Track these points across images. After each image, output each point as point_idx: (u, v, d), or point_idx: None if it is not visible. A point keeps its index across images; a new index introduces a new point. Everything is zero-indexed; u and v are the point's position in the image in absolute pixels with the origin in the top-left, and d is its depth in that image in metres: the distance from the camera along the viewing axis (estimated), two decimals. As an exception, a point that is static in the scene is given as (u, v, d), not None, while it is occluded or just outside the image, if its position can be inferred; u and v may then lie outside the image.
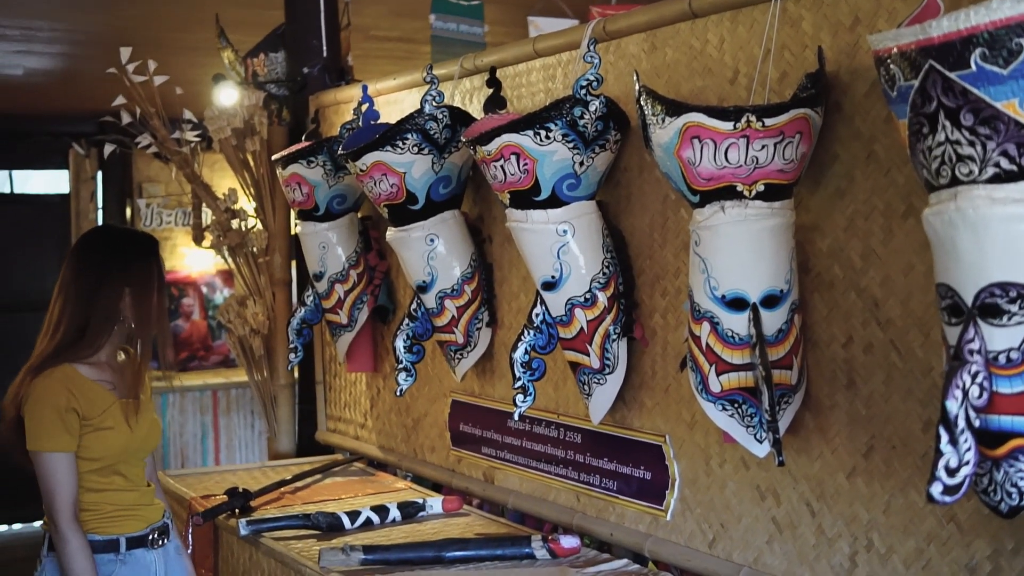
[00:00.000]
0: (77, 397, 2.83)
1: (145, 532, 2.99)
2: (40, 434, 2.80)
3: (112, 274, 2.95)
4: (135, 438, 2.97)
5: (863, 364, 2.34)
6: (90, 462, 2.87)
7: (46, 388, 2.82)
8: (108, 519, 2.92)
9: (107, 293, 2.93)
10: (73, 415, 2.82)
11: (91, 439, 2.86)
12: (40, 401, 2.81)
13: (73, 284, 2.94)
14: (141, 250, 3.05)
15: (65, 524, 2.79)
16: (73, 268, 2.97)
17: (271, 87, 4.80)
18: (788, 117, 2.25)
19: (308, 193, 3.88)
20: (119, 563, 2.91)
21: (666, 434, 2.88)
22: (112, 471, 2.93)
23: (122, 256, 3.00)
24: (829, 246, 2.41)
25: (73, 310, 2.92)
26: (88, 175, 8.53)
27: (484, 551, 3.04)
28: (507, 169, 2.79)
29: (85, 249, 3.03)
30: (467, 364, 3.47)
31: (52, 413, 2.79)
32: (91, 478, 2.89)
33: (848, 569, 2.39)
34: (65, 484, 2.80)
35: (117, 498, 2.94)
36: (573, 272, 2.83)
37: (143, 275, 3.00)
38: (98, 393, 2.90)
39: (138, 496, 3.00)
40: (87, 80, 6.50)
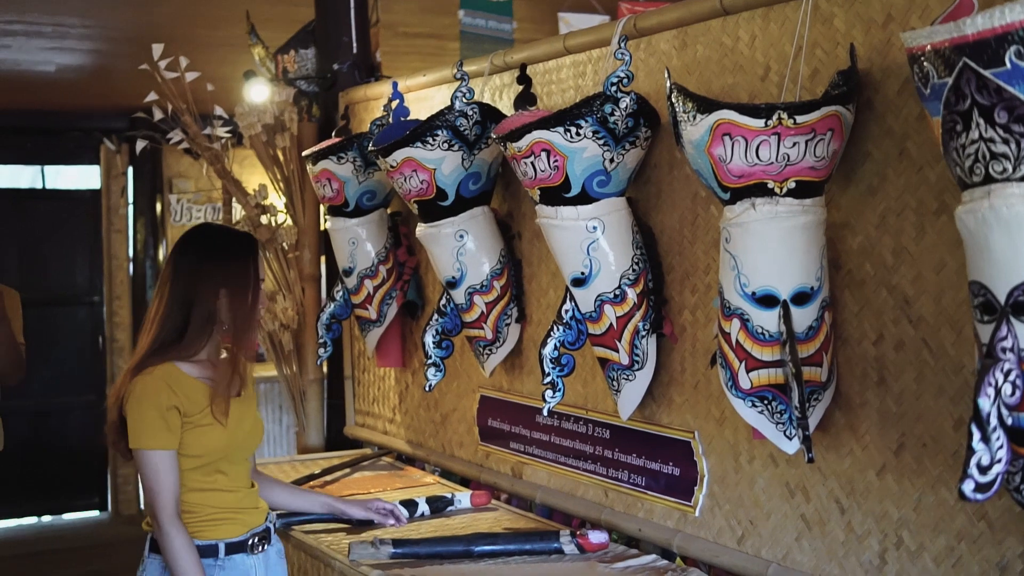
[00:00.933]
0: (178, 394, 2.77)
1: (245, 537, 2.88)
2: (141, 432, 2.75)
3: (208, 275, 2.85)
4: (236, 435, 2.88)
5: (894, 361, 2.34)
6: (192, 459, 2.80)
7: (147, 386, 2.76)
8: (208, 522, 2.84)
9: (204, 295, 2.83)
10: (174, 413, 2.76)
11: (192, 436, 2.79)
12: (141, 399, 2.75)
13: (170, 284, 2.86)
14: (239, 250, 2.95)
15: (168, 521, 2.72)
16: (171, 267, 2.89)
17: (301, 83, 4.83)
18: (820, 114, 2.25)
19: (338, 189, 3.90)
20: (217, 568, 2.82)
21: (695, 430, 2.88)
22: (214, 469, 2.85)
23: (219, 256, 2.90)
24: (860, 243, 2.40)
25: (170, 311, 2.83)
26: (119, 171, 8.59)
27: (512, 546, 3.06)
28: (537, 166, 2.80)
29: (183, 248, 2.93)
30: (496, 360, 3.49)
31: (153, 411, 2.74)
32: (193, 476, 2.82)
33: (878, 566, 2.39)
34: (167, 482, 2.74)
35: (218, 499, 2.86)
36: (603, 268, 2.84)
37: (240, 276, 2.89)
38: (199, 390, 2.82)
39: (239, 498, 2.90)
40: (119, 76, 6.55)
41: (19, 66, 6.50)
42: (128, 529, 8.15)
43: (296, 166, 4.64)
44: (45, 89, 7.26)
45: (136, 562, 2.91)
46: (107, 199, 8.71)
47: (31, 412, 8.31)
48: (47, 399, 8.63)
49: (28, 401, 7.81)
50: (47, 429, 8.63)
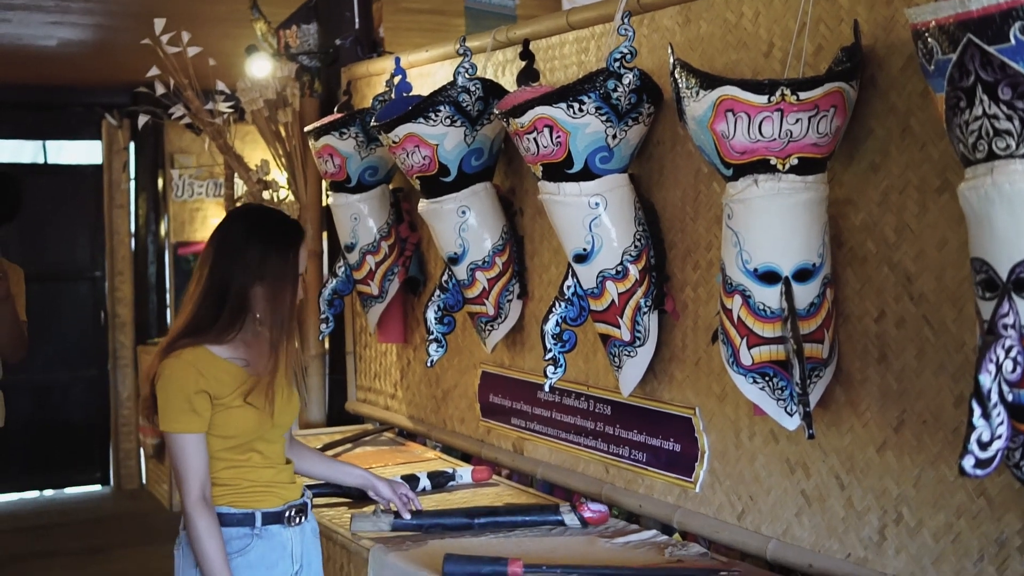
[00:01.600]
0: (207, 378, 2.69)
1: (282, 508, 2.80)
2: (170, 415, 2.68)
3: (246, 265, 2.71)
4: (269, 415, 2.79)
5: (895, 338, 2.35)
6: (225, 440, 2.74)
7: (175, 369, 2.68)
8: (245, 494, 2.78)
9: (239, 284, 2.71)
10: (203, 397, 2.68)
11: (223, 418, 2.71)
12: (170, 382, 2.68)
13: (207, 268, 2.74)
14: (283, 240, 2.78)
15: (192, 505, 2.66)
16: (210, 251, 2.77)
17: (303, 59, 4.82)
18: (823, 91, 2.25)
19: (340, 165, 3.90)
20: (255, 537, 2.76)
21: (696, 407, 2.89)
22: (248, 448, 2.78)
23: (261, 244, 2.74)
24: (863, 220, 2.41)
25: (205, 296, 2.73)
26: (121, 146, 8.57)
27: (514, 518, 3.07)
28: (540, 141, 2.80)
29: (226, 229, 2.80)
30: (497, 336, 3.49)
31: (180, 395, 2.67)
32: (227, 455, 2.75)
33: (877, 542, 2.40)
34: (194, 466, 2.68)
35: (254, 475, 2.79)
36: (605, 245, 2.84)
37: (279, 269, 2.75)
38: (230, 372, 2.73)
39: (275, 473, 2.83)
40: (121, 51, 6.53)
41: (20, 40, 6.48)
42: (130, 503, 8.19)
43: (298, 141, 4.64)
44: (47, 64, 7.25)
45: (138, 536, 2.94)
46: (109, 174, 8.69)
47: (33, 387, 8.32)
48: (49, 374, 8.65)
49: (30, 376, 7.81)
50: (49, 404, 8.64)
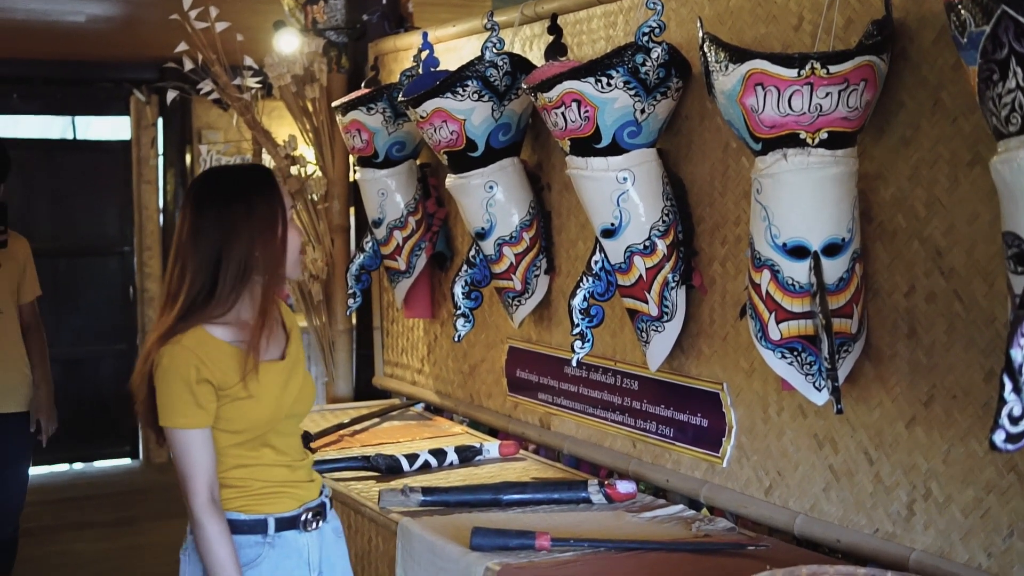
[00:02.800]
0: (209, 366, 2.42)
1: (297, 512, 2.55)
2: (170, 409, 2.42)
3: (237, 223, 2.46)
4: (283, 404, 2.54)
5: (925, 313, 2.34)
6: (233, 435, 2.48)
7: (174, 357, 2.41)
8: (256, 497, 2.52)
9: (236, 246, 2.44)
10: (206, 387, 2.42)
11: (230, 410, 2.46)
12: (168, 373, 2.41)
13: (191, 242, 2.46)
14: (261, 186, 2.53)
15: (200, 509, 2.41)
16: (189, 223, 2.48)
17: (331, 34, 4.81)
18: (853, 64, 2.23)
19: (368, 140, 3.90)
20: (267, 546, 2.51)
21: (724, 382, 2.89)
22: (260, 443, 2.52)
23: (244, 199, 2.49)
24: (893, 195, 2.39)
25: (196, 271, 2.45)
26: (149, 122, 8.61)
27: (541, 495, 3.08)
28: (568, 116, 2.79)
29: (199, 199, 2.51)
30: (525, 311, 3.50)
31: (181, 386, 2.40)
32: (236, 452, 2.50)
33: (905, 517, 2.40)
34: (200, 464, 2.42)
35: (266, 473, 2.53)
36: (633, 219, 2.83)
37: (268, 215, 2.49)
38: (235, 358, 2.46)
39: (289, 472, 2.57)
40: (149, 27, 6.54)
41: (49, 16, 6.50)
42: (159, 476, 8.25)
43: (326, 117, 4.64)
44: (75, 39, 7.27)
45: (166, 508, 2.91)
46: (137, 150, 8.73)
47: (63, 361, 8.38)
48: (79, 348, 8.72)
49: (60, 350, 7.87)
50: (79, 377, 8.72)
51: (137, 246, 8.84)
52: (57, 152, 8.81)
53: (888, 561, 2.39)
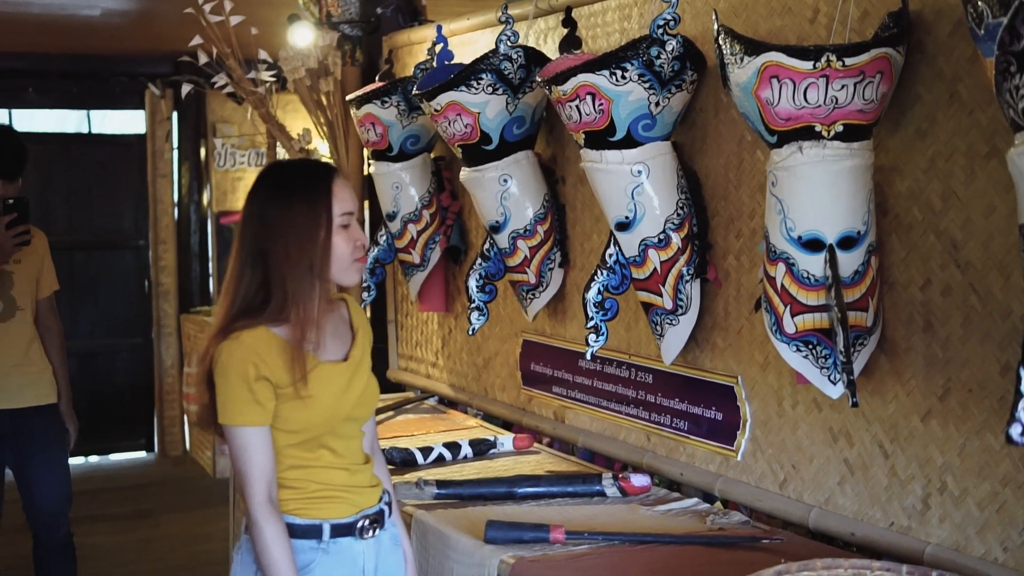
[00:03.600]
0: (268, 363, 2.36)
1: (354, 519, 2.47)
2: (229, 407, 2.36)
3: (275, 223, 2.39)
4: (342, 406, 2.46)
5: (941, 306, 2.33)
6: (291, 435, 2.41)
7: (232, 354, 2.35)
8: (312, 500, 2.44)
9: (276, 247, 2.37)
10: (264, 384, 2.35)
11: (289, 409, 2.39)
12: (227, 369, 2.35)
13: (239, 238, 2.43)
14: (307, 185, 2.44)
15: (257, 509, 2.34)
16: (241, 219, 2.45)
17: (345, 27, 4.82)
18: (869, 57, 2.23)
19: (382, 133, 3.90)
20: (321, 552, 2.43)
21: (738, 375, 2.88)
22: (318, 444, 2.45)
23: (283, 198, 2.41)
24: (909, 188, 2.38)
25: (243, 269, 2.40)
26: (164, 116, 8.63)
27: (555, 488, 3.08)
28: (582, 109, 2.79)
29: (250, 196, 2.47)
30: (539, 304, 3.50)
31: (239, 382, 2.34)
32: (293, 453, 2.43)
33: (921, 511, 2.39)
34: (258, 463, 2.36)
35: (324, 476, 2.45)
36: (647, 212, 2.83)
37: (308, 217, 2.39)
38: (295, 356, 2.39)
39: (348, 476, 2.48)
40: (163, 21, 6.55)
41: (64, 10, 6.52)
42: (174, 469, 8.29)
43: (340, 110, 4.64)
44: (90, 33, 7.29)
45: (182, 500, 2.90)
46: (152, 144, 8.76)
47: (79, 354, 8.41)
48: (94, 341, 8.76)
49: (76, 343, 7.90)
50: (94, 370, 8.75)
51: (152, 240, 8.87)
52: (72, 146, 8.85)
53: (903, 555, 2.39)
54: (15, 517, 5.21)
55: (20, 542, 5.50)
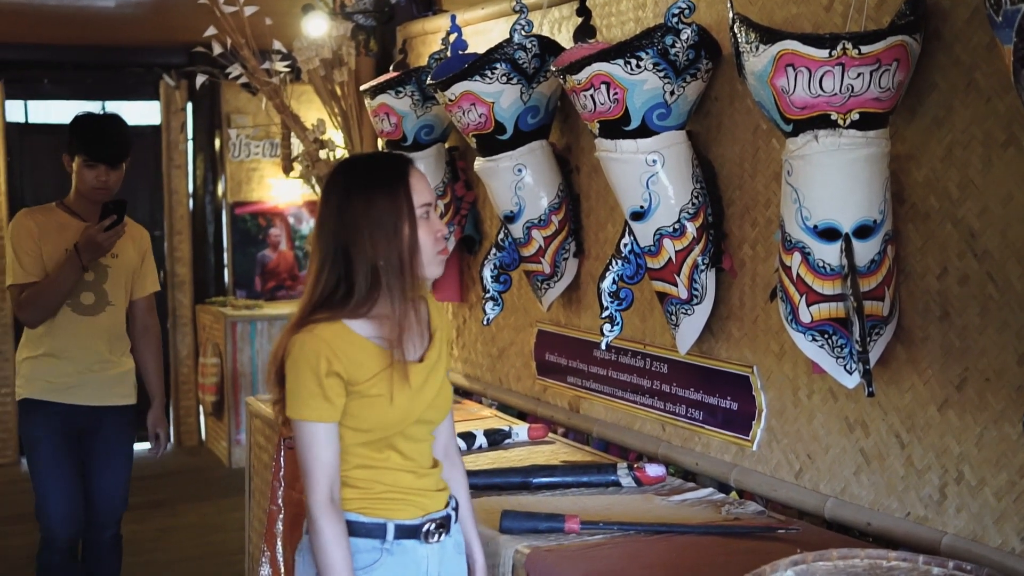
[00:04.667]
0: (341, 358, 2.29)
1: (420, 521, 2.39)
2: (297, 400, 2.30)
3: (356, 218, 2.31)
4: (415, 408, 2.38)
5: (958, 296, 2.32)
6: (360, 433, 2.34)
7: (304, 346, 2.29)
8: (377, 500, 2.38)
9: (358, 242, 2.30)
10: (335, 380, 2.29)
11: (359, 407, 2.32)
12: (298, 362, 2.29)
13: (317, 234, 2.37)
14: (386, 178, 2.36)
15: (318, 507, 2.28)
16: (318, 217, 2.39)
17: (359, 17, 4.81)
18: (885, 44, 2.21)
19: (396, 123, 3.90)
20: (384, 552, 2.36)
21: (754, 365, 2.87)
22: (387, 445, 2.38)
23: (364, 192, 2.33)
24: (925, 176, 2.37)
25: (323, 266, 2.34)
26: (178, 106, 8.64)
27: (570, 478, 3.08)
28: (597, 99, 2.78)
29: (326, 189, 2.40)
30: (554, 294, 3.49)
31: (310, 376, 2.28)
32: (361, 452, 2.37)
33: (937, 501, 2.38)
34: (323, 460, 2.29)
35: (390, 477, 2.38)
36: (662, 202, 2.82)
37: (390, 210, 2.32)
38: (370, 353, 2.33)
39: (415, 479, 2.41)
40: (178, 11, 6.56)
41: (79, 2, 6.53)
42: (189, 459, 8.30)
43: (354, 101, 4.64)
44: (105, 24, 7.30)
45: (198, 491, 2.87)
46: (167, 135, 8.77)
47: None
48: (110, 331, 8.79)
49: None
50: (110, 361, 8.79)
51: (167, 230, 8.88)
52: (88, 137, 8.85)
53: (920, 545, 2.38)
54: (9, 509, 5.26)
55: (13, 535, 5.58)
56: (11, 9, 6.66)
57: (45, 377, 4.14)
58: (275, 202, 8.64)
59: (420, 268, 2.36)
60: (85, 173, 4.12)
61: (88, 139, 4.11)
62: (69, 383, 4.15)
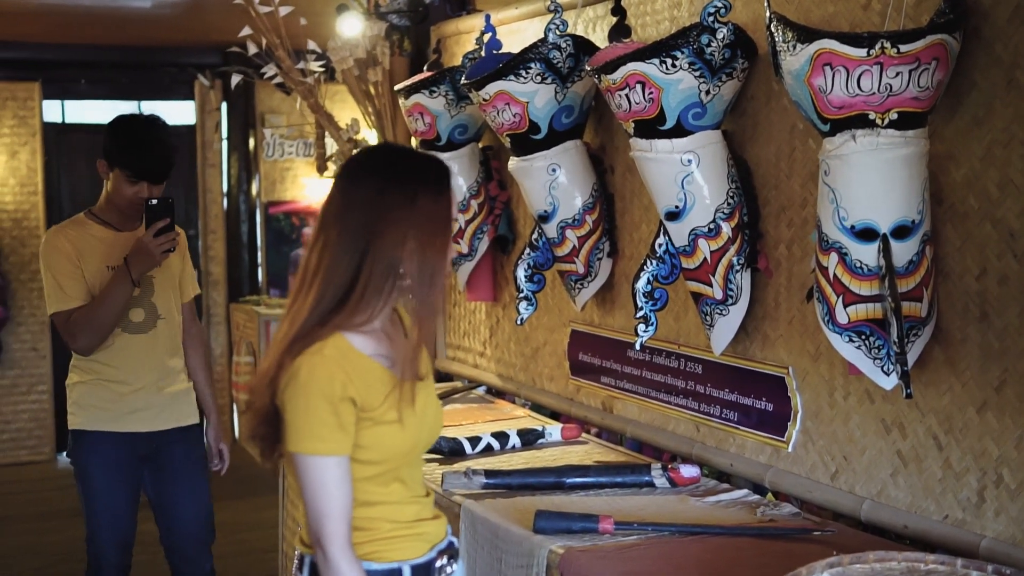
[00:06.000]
0: (355, 381, 2.05)
1: (431, 557, 2.22)
2: (307, 432, 2.02)
3: (395, 211, 2.06)
4: (422, 431, 2.18)
5: (997, 296, 2.29)
6: (367, 466, 2.10)
7: (314, 368, 2.02)
8: (385, 541, 2.16)
9: (385, 240, 2.05)
10: (348, 406, 2.04)
11: (370, 436, 2.08)
12: (307, 387, 2.01)
13: (337, 224, 2.07)
14: (432, 177, 2.13)
15: (338, 552, 2.04)
16: (338, 202, 2.09)
17: (393, 17, 4.82)
18: (924, 43, 2.19)
19: (430, 123, 3.90)
20: None
21: (789, 366, 2.86)
22: (393, 477, 2.16)
23: (408, 185, 2.09)
24: (964, 176, 2.35)
25: (337, 260, 2.05)
26: (213, 106, 8.69)
27: (604, 478, 3.07)
28: (632, 98, 2.77)
29: (355, 177, 2.12)
30: (587, 294, 3.49)
31: (323, 404, 2.01)
32: (366, 488, 2.12)
33: (976, 504, 2.36)
34: (338, 499, 2.04)
35: (396, 513, 2.17)
36: (697, 202, 2.81)
37: (435, 213, 2.09)
38: (377, 374, 2.09)
39: (419, 509, 2.22)
40: (213, 11, 6.60)
41: (115, 2, 6.58)
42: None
43: (388, 100, 4.65)
44: (141, 25, 7.35)
45: (233, 488, 2.80)
46: (201, 134, 8.82)
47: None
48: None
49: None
50: (144, 359, 8.84)
51: (202, 229, 8.94)
52: (124, 137, 8.92)
53: (958, 548, 2.36)
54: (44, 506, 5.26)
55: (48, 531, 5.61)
56: (48, 10, 6.72)
57: (99, 404, 3.80)
58: (308, 201, 8.68)
59: (440, 284, 2.13)
60: (124, 187, 3.75)
61: (130, 153, 3.74)
62: (125, 409, 3.81)
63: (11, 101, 8.06)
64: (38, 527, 6.32)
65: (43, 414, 8.04)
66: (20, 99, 8.11)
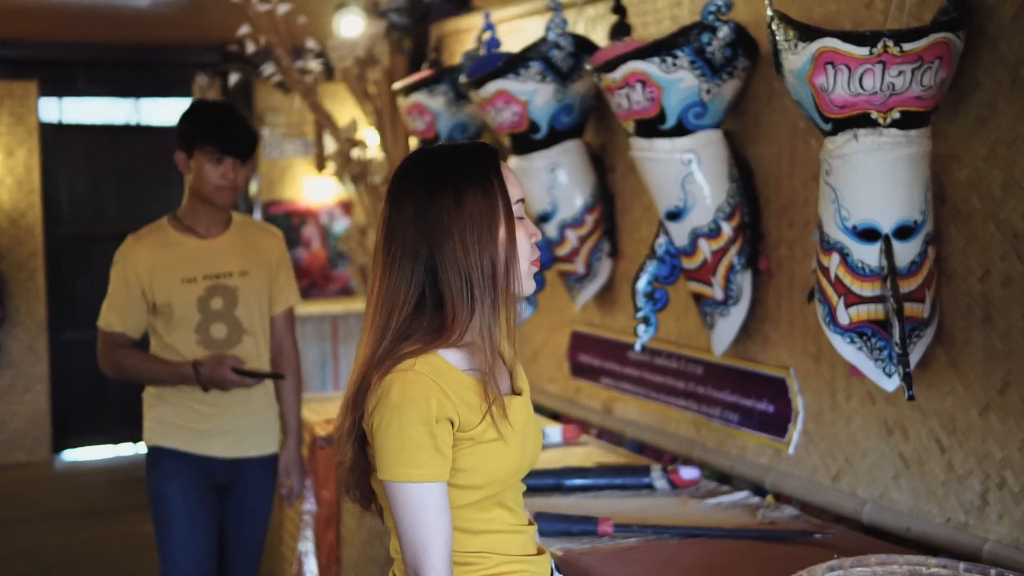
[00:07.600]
0: (453, 399, 1.84)
1: None
2: (402, 457, 1.82)
3: (444, 220, 1.86)
4: (526, 451, 1.96)
5: (1001, 298, 2.28)
6: (467, 492, 1.88)
7: (408, 387, 1.82)
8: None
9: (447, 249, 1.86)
10: (446, 427, 1.84)
11: (470, 458, 1.87)
12: (402, 408, 1.82)
13: (388, 243, 1.90)
14: (474, 170, 1.90)
15: None
16: (385, 221, 1.92)
17: (393, 16, 4.81)
18: (927, 42, 2.17)
19: (430, 122, 3.89)
20: None
21: (790, 367, 2.84)
22: (495, 502, 1.93)
23: (451, 187, 1.87)
24: (968, 176, 2.33)
25: (398, 279, 1.88)
26: (212, 105, 8.67)
27: (604, 480, 3.05)
28: (632, 97, 2.75)
29: (396, 190, 1.93)
30: (588, 294, 3.47)
31: (419, 426, 1.81)
32: (466, 516, 1.90)
33: (979, 507, 2.34)
34: (439, 527, 1.83)
35: (501, 544, 1.93)
36: (698, 202, 2.79)
37: (483, 209, 1.87)
38: (475, 392, 1.88)
39: (523, 541, 1.97)
40: (212, 9, 6.57)
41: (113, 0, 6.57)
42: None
43: (387, 99, 4.64)
44: (139, 23, 7.33)
45: None
46: (201, 134, 8.81)
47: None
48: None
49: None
50: (146, 360, 8.82)
51: (201, 229, 8.91)
52: (122, 135, 8.90)
53: (961, 551, 2.34)
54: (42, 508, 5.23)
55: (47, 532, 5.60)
56: (45, 8, 6.70)
57: (178, 422, 3.45)
58: (308, 201, 8.65)
59: (515, 280, 1.90)
60: (208, 171, 3.42)
61: (212, 128, 3.45)
62: (205, 430, 3.45)
63: (8, 99, 8.03)
64: (36, 529, 6.29)
65: (40, 415, 8.00)
66: (17, 97, 8.08)
